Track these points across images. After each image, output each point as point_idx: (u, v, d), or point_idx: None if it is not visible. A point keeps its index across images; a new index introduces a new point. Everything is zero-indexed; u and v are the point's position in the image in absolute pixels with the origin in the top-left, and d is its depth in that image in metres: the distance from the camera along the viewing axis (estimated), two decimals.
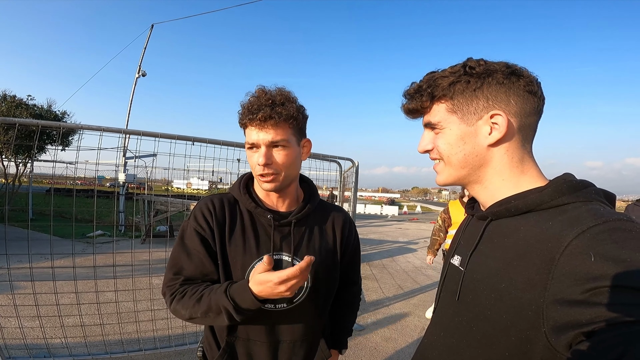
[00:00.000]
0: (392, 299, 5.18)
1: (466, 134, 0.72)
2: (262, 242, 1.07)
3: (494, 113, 0.69)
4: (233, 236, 1.06)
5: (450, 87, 0.72)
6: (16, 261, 3.78)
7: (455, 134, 0.73)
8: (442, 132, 0.75)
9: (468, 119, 0.72)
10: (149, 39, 12.66)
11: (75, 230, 8.82)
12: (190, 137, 3.05)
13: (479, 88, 0.71)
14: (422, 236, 13.54)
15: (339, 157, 4.25)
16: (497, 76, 0.70)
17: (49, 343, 2.99)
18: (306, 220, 1.13)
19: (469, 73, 0.71)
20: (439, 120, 0.75)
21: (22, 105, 10.91)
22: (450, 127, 0.74)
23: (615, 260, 0.51)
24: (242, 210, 1.11)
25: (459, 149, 0.73)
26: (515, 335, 0.60)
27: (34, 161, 9.94)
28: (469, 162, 0.73)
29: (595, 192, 0.66)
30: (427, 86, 0.75)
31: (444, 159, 0.76)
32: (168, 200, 8.24)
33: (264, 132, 1.00)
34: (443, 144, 0.75)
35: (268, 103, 0.99)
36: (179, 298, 1.00)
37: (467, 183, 0.78)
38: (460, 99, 0.72)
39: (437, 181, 0.81)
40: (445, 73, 0.74)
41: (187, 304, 0.97)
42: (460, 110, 0.72)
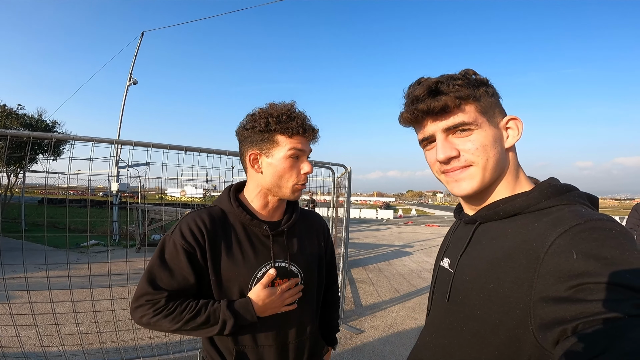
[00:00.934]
0: (389, 302, 5.20)
1: (497, 136, 0.73)
2: (260, 252, 1.10)
3: (510, 118, 0.73)
4: (230, 250, 1.07)
5: (474, 89, 0.71)
6: (10, 271, 3.77)
7: (491, 135, 0.72)
8: (477, 132, 0.71)
9: (493, 122, 0.73)
10: (140, 47, 12.67)
11: (69, 240, 8.76)
12: (183, 147, 3.07)
13: (492, 95, 0.73)
14: (417, 239, 13.57)
15: (331, 163, 4.29)
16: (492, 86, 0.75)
17: (47, 351, 2.98)
18: (294, 228, 1.19)
19: (479, 80, 0.73)
20: (474, 120, 0.71)
21: (12, 114, 10.83)
22: (484, 127, 0.72)
23: (597, 257, 0.52)
24: (233, 223, 1.11)
25: (495, 150, 0.71)
26: (505, 334, 0.61)
27: (25, 172, 9.86)
28: (500, 164, 0.73)
29: (579, 196, 0.69)
30: (448, 86, 0.71)
31: (478, 162, 0.71)
32: (162, 209, 8.22)
33: (308, 144, 1.11)
34: (480, 145, 0.71)
35: (309, 122, 1.10)
36: (167, 312, 1.00)
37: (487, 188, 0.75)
38: (485, 102, 0.72)
39: (465, 189, 0.74)
40: (459, 76, 0.73)
41: (179, 317, 1.00)
42: (486, 112, 0.72)
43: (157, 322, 1.00)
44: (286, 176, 1.07)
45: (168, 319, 1.00)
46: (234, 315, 1.01)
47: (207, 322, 1.01)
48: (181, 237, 1.03)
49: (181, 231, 1.04)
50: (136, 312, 1.02)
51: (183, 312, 1.00)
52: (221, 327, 1.01)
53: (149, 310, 1.00)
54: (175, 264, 1.02)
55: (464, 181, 0.73)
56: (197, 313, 1.01)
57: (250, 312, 1.03)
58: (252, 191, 1.14)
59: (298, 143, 1.07)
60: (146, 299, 1.01)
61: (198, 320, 1.00)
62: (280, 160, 1.06)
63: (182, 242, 1.02)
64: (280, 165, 1.06)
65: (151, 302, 1.00)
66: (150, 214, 8.69)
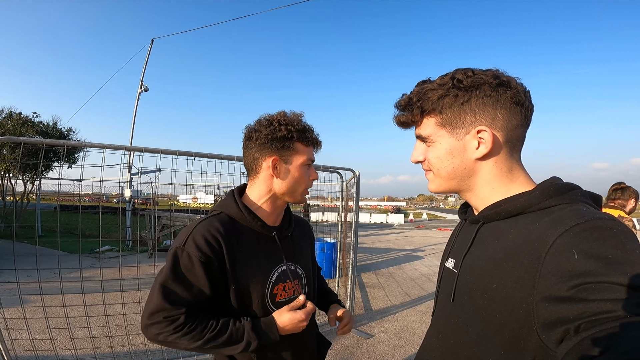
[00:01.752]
0: (399, 307, 5.16)
1: (455, 148, 0.74)
2: (271, 257, 1.13)
3: (480, 129, 0.71)
4: (245, 257, 1.07)
5: (439, 100, 0.73)
6: (26, 276, 3.85)
7: (444, 148, 0.75)
8: (433, 145, 0.76)
9: (457, 133, 0.73)
10: (150, 54, 12.90)
11: (83, 246, 8.93)
12: (192, 153, 3.11)
13: (466, 102, 0.71)
14: (428, 243, 13.44)
15: (339, 167, 4.30)
16: (484, 89, 0.70)
17: (59, 355, 3.04)
18: (293, 232, 1.26)
19: (457, 86, 0.71)
20: (429, 134, 0.76)
21: (28, 122, 11.09)
22: (440, 141, 0.75)
23: (598, 257, 0.53)
24: (242, 229, 1.10)
25: (447, 162, 0.75)
26: (509, 334, 0.61)
27: (41, 179, 10.10)
28: (457, 174, 0.75)
29: (581, 194, 0.69)
30: (416, 99, 0.75)
31: (433, 170, 0.78)
32: (172, 215, 8.32)
33: (315, 154, 1.20)
34: (433, 157, 0.77)
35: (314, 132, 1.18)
36: (187, 330, 0.97)
37: (457, 192, 0.80)
38: (448, 113, 0.73)
39: (429, 189, 0.83)
40: (434, 86, 0.74)
41: (200, 335, 0.97)
42: (449, 124, 0.73)
43: (176, 340, 0.96)
44: (300, 182, 1.15)
45: (187, 337, 0.96)
46: (258, 337, 1.03)
47: (229, 342, 1.00)
48: (196, 248, 0.99)
49: (195, 242, 1.00)
50: (151, 329, 0.97)
51: (204, 330, 0.98)
52: (245, 346, 1.01)
53: (168, 327, 0.96)
54: (192, 276, 0.99)
55: (428, 182, 0.83)
56: (219, 332, 0.99)
57: (274, 332, 1.06)
58: (262, 196, 1.14)
59: (312, 152, 1.18)
60: (164, 315, 0.96)
61: (220, 340, 0.99)
62: (297, 168, 1.13)
63: (198, 253, 0.98)
64: (297, 171, 1.13)
65: (169, 319, 0.96)
66: (162, 219, 8.80)
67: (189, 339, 0.96)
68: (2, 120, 10.87)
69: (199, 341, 0.97)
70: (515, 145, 0.74)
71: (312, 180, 1.19)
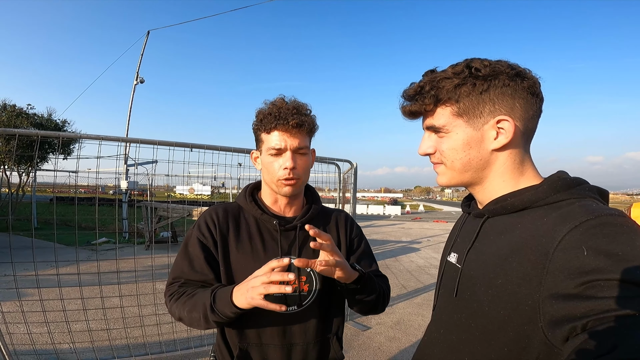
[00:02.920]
0: (396, 299, 5.19)
1: (472, 139, 0.71)
2: (269, 247, 1.10)
3: (500, 118, 0.69)
4: (240, 243, 1.10)
5: (456, 89, 0.70)
6: (22, 269, 3.83)
7: (461, 139, 0.72)
8: (447, 136, 0.73)
9: (474, 122, 0.71)
10: (146, 46, 12.75)
11: (79, 238, 8.90)
12: (189, 144, 3.09)
13: (485, 91, 0.69)
14: (425, 235, 13.52)
15: (337, 159, 4.29)
16: (502, 78, 0.68)
17: (57, 348, 3.05)
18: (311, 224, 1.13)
19: (475, 75, 0.69)
20: (444, 124, 0.73)
21: (22, 114, 10.98)
22: (456, 131, 0.72)
23: (607, 254, 0.52)
24: (247, 217, 1.15)
25: (464, 153, 0.72)
26: (513, 331, 0.61)
27: (36, 170, 10.03)
28: (472, 166, 0.73)
29: (589, 189, 0.68)
30: (430, 88, 0.72)
31: (446, 162, 0.75)
32: (169, 206, 8.29)
33: (292, 138, 1.06)
34: (448, 148, 0.73)
35: (295, 112, 1.06)
36: (176, 298, 1.04)
37: (468, 184, 0.77)
38: (466, 102, 0.70)
39: (439, 182, 0.80)
40: (448, 74, 0.71)
41: (180, 302, 1.02)
42: (466, 114, 0.70)
43: (171, 308, 1.05)
44: (270, 171, 1.10)
45: (175, 304, 1.04)
46: (213, 300, 0.95)
47: (194, 307, 0.98)
48: (198, 228, 1.12)
49: (199, 224, 1.13)
50: (166, 299, 1.09)
51: (185, 296, 1.03)
52: (202, 312, 0.96)
53: (168, 297, 1.07)
54: (195, 254, 1.08)
55: (438, 175, 0.79)
56: (190, 297, 1.01)
57: (226, 298, 0.93)
58: (263, 188, 1.20)
59: (275, 138, 1.07)
60: (167, 284, 1.10)
61: (189, 306, 0.99)
62: (265, 157, 1.11)
63: (199, 233, 1.11)
64: (265, 161, 1.11)
65: (169, 289, 1.09)
66: (159, 211, 8.78)
67: (177, 306, 1.03)
68: None
69: (180, 307, 1.02)
70: (529, 137, 0.73)
71: (284, 170, 1.07)
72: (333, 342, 1.17)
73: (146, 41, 12.67)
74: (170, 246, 5.81)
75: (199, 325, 1.01)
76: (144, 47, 12.59)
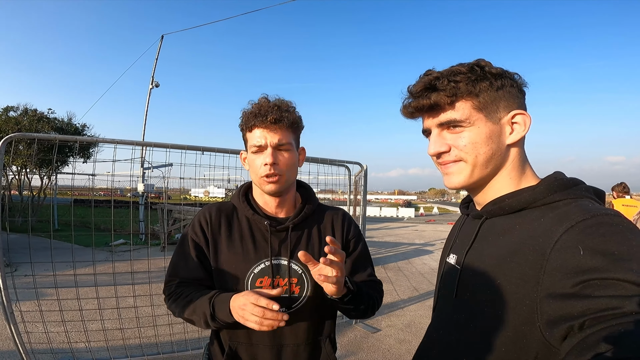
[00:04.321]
0: (407, 302, 5.16)
1: (493, 133, 0.72)
2: (260, 248, 1.10)
3: (516, 112, 0.72)
4: (231, 243, 1.11)
5: (475, 84, 0.71)
6: (42, 270, 3.97)
7: (484, 132, 0.72)
8: (468, 130, 0.72)
9: (493, 117, 0.72)
10: (160, 50, 12.99)
11: (98, 240, 9.11)
12: (200, 147, 3.16)
13: (500, 88, 0.71)
14: (439, 237, 13.36)
15: (347, 161, 4.30)
16: (508, 78, 0.72)
17: (73, 347, 3.13)
18: (304, 224, 1.16)
19: (489, 72, 0.71)
20: (466, 117, 0.72)
21: (43, 119, 11.36)
22: (478, 124, 0.72)
23: (603, 253, 0.52)
24: (240, 217, 1.15)
25: (487, 147, 0.72)
26: (512, 331, 0.61)
27: (57, 174, 10.35)
28: (493, 161, 0.73)
29: (585, 189, 0.69)
30: (449, 81, 0.71)
31: (468, 158, 0.73)
32: (182, 209, 8.44)
33: (272, 134, 1.06)
34: (470, 142, 0.72)
35: (275, 108, 1.07)
36: (174, 298, 1.08)
37: (481, 184, 0.76)
38: (486, 97, 0.71)
39: (454, 183, 0.76)
40: (462, 70, 0.72)
41: (179, 304, 1.06)
42: (485, 108, 0.71)
43: (170, 306, 1.10)
44: (254, 169, 1.11)
45: (174, 304, 1.08)
46: (212, 308, 0.98)
47: (194, 312, 1.03)
48: (192, 228, 1.15)
49: (193, 224, 1.16)
50: (165, 297, 1.13)
51: (184, 298, 1.06)
52: (204, 319, 1.01)
53: (166, 295, 1.12)
54: (189, 253, 1.12)
55: (453, 175, 0.76)
56: (189, 301, 1.05)
57: (225, 308, 0.95)
58: (254, 188, 1.20)
59: (255, 135, 1.08)
60: (165, 283, 1.14)
61: (190, 309, 1.03)
62: (249, 156, 1.13)
63: (192, 232, 1.14)
64: (249, 159, 1.13)
65: (168, 288, 1.12)
66: (174, 213, 8.94)
67: (175, 306, 1.07)
68: (18, 117, 11.14)
69: (178, 308, 1.06)
70: None
71: (264, 166, 1.06)
72: (325, 345, 1.15)
73: (160, 45, 12.92)
74: None
75: (199, 326, 1.07)
76: (158, 52, 12.84)
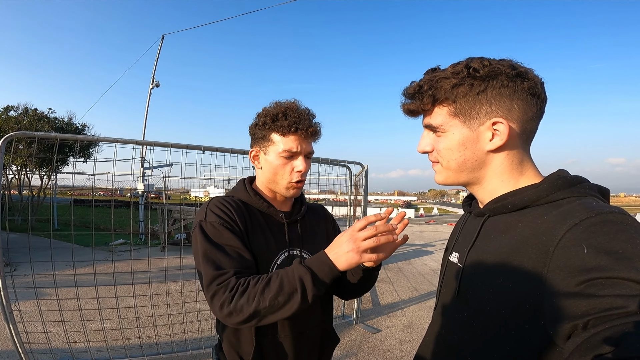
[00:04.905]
0: (408, 302, 5.16)
1: (468, 139, 0.71)
2: (278, 239, 1.14)
3: (495, 120, 0.69)
4: (254, 235, 1.11)
5: (453, 89, 0.70)
6: (42, 269, 3.95)
7: (456, 139, 0.72)
8: (444, 135, 0.73)
9: (470, 123, 0.71)
10: (161, 50, 12.99)
11: (98, 239, 9.11)
12: (201, 146, 3.16)
13: (482, 92, 0.69)
14: (439, 238, 13.36)
15: (348, 161, 4.29)
16: (501, 79, 0.68)
17: (72, 347, 3.12)
18: (305, 218, 1.24)
19: (473, 75, 0.69)
20: (440, 124, 0.73)
21: (43, 118, 11.35)
22: (452, 131, 0.72)
23: (608, 252, 0.52)
24: (251, 210, 1.16)
25: (459, 153, 0.72)
26: (515, 329, 0.60)
27: (57, 173, 10.35)
28: (467, 166, 0.73)
29: (589, 187, 0.67)
30: (428, 87, 0.72)
31: (442, 162, 0.75)
32: (182, 209, 8.42)
33: (306, 143, 1.11)
34: (444, 148, 0.74)
35: (312, 119, 1.11)
36: (241, 291, 0.92)
37: (465, 184, 0.78)
38: (463, 103, 0.70)
39: (436, 181, 0.81)
40: (447, 74, 0.71)
41: (253, 292, 0.91)
42: (462, 114, 0.71)
43: (237, 305, 0.90)
44: (280, 173, 1.11)
45: (244, 297, 0.90)
46: (310, 270, 0.91)
47: (282, 288, 0.90)
48: (216, 216, 1.05)
49: (214, 212, 1.06)
50: (214, 302, 0.94)
51: (256, 284, 0.92)
52: (301, 288, 0.89)
53: (225, 294, 0.92)
54: (224, 240, 1.01)
55: (436, 174, 0.80)
56: (269, 280, 0.92)
57: (326, 263, 0.90)
58: (261, 185, 1.20)
59: (291, 142, 1.09)
60: (217, 283, 0.94)
61: (273, 287, 0.90)
62: (274, 158, 1.11)
63: (219, 220, 1.04)
64: (274, 162, 1.11)
65: (223, 285, 0.93)
66: (174, 213, 8.92)
67: (246, 298, 0.90)
68: (19, 116, 11.14)
69: (255, 297, 0.90)
70: (528, 138, 0.73)
71: (297, 172, 1.10)
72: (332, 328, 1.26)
73: (161, 45, 12.92)
74: (184, 248, 5.90)
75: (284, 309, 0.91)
76: (159, 51, 12.84)
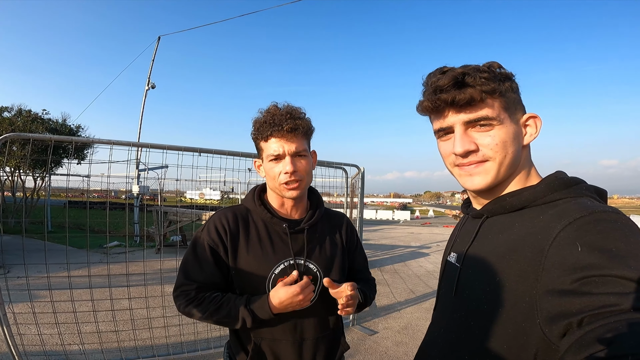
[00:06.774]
0: (404, 304, 5.16)
1: (517, 133, 0.72)
2: (279, 249, 1.15)
3: (530, 115, 0.72)
4: (250, 246, 1.14)
5: (502, 84, 0.70)
6: (36, 271, 3.92)
7: (512, 132, 0.71)
8: (498, 128, 0.70)
9: (514, 118, 0.72)
10: (157, 51, 12.93)
11: (92, 241, 9.05)
12: (197, 149, 3.15)
13: (516, 90, 0.72)
14: (434, 240, 13.39)
15: (344, 163, 4.29)
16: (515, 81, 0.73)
17: (67, 350, 3.09)
18: (316, 227, 1.23)
19: (504, 74, 0.71)
20: (497, 115, 0.70)
21: (37, 119, 11.24)
22: (506, 124, 0.70)
23: (602, 250, 0.52)
24: (255, 220, 1.19)
25: (514, 147, 0.71)
26: (512, 328, 0.61)
27: (51, 175, 10.24)
28: (516, 161, 0.72)
29: (586, 188, 0.69)
30: (478, 78, 0.69)
31: (496, 157, 0.70)
32: (178, 211, 8.38)
33: (289, 143, 1.10)
34: (500, 141, 0.70)
35: (289, 117, 1.10)
36: (197, 303, 1.10)
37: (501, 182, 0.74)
38: (509, 97, 0.71)
39: (478, 184, 0.73)
40: (485, 69, 0.70)
41: (206, 308, 1.09)
42: (509, 108, 0.71)
43: (189, 311, 1.11)
44: (272, 177, 1.14)
45: (197, 309, 1.10)
46: (251, 313, 1.07)
47: (228, 317, 1.09)
48: (208, 234, 1.15)
49: (208, 229, 1.16)
50: (176, 300, 1.14)
51: (209, 304, 1.09)
52: (242, 323, 1.08)
53: (183, 300, 1.12)
54: (204, 258, 1.13)
55: (478, 176, 0.72)
56: (219, 307, 1.09)
57: (266, 310, 1.07)
58: (269, 192, 1.23)
59: (273, 145, 1.11)
60: (181, 289, 1.13)
61: (220, 314, 1.09)
62: (266, 164, 1.16)
63: (209, 238, 1.14)
64: (267, 168, 1.15)
65: (185, 293, 1.12)
66: (169, 215, 8.88)
67: (198, 310, 1.09)
68: (12, 118, 11.03)
69: (205, 313, 1.09)
70: None
71: (285, 174, 1.11)
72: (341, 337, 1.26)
73: (157, 47, 12.87)
74: (179, 250, 5.89)
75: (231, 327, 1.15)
76: (154, 53, 12.79)
